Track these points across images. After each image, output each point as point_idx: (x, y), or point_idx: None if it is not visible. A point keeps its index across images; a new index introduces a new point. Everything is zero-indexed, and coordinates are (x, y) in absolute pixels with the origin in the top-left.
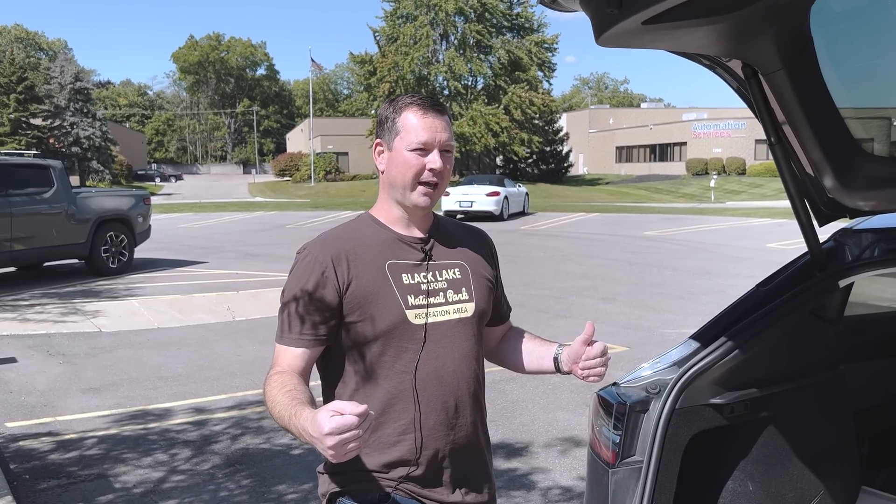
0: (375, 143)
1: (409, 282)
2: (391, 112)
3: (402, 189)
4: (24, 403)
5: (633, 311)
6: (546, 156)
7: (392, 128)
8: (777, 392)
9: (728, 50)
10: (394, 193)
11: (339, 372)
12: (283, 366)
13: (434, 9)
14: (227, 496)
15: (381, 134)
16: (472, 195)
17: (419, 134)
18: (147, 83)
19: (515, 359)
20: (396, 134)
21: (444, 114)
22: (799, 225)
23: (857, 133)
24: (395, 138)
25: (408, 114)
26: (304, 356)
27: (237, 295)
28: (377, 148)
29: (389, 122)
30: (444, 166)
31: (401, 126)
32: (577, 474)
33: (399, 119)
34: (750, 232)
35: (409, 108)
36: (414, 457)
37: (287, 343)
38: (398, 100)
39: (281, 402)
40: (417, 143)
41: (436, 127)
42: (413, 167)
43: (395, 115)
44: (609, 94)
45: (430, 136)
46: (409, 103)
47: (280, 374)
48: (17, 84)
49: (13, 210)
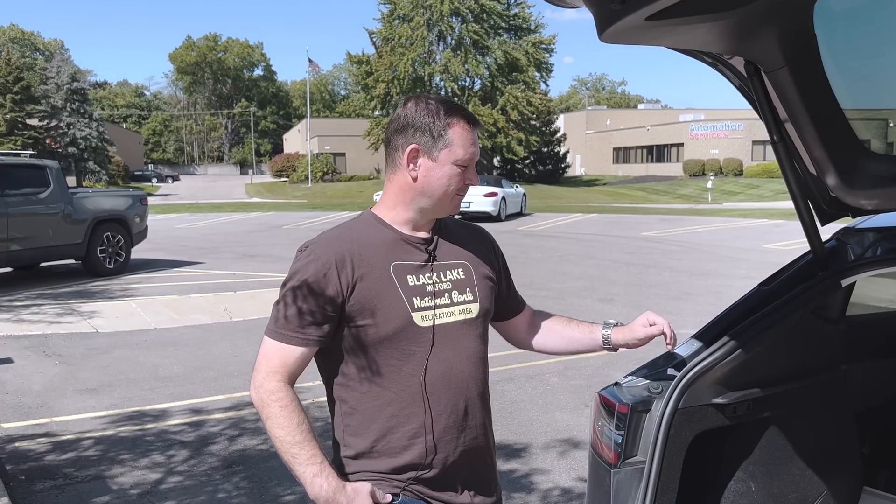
0: (411, 147)
1: (415, 283)
2: (435, 120)
3: (441, 200)
4: (20, 404)
5: (630, 312)
6: (543, 157)
7: (439, 137)
8: (779, 392)
9: (730, 47)
10: (422, 201)
11: (345, 375)
12: (277, 367)
13: (430, 9)
14: (225, 497)
15: (420, 140)
16: (469, 196)
17: (468, 149)
18: (144, 83)
19: (553, 345)
20: (445, 146)
21: (479, 126)
22: (801, 224)
23: (859, 131)
24: (442, 149)
25: (458, 128)
26: (301, 357)
27: (234, 295)
28: (411, 153)
29: (435, 130)
30: None
31: (451, 139)
32: (576, 475)
33: (449, 132)
34: (747, 233)
35: (460, 122)
36: (424, 460)
37: (283, 340)
38: (441, 107)
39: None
40: (465, 160)
41: (476, 142)
42: (456, 182)
43: (441, 126)
44: (606, 95)
45: (474, 151)
46: (458, 115)
47: (285, 393)
48: (13, 84)
49: (9, 210)
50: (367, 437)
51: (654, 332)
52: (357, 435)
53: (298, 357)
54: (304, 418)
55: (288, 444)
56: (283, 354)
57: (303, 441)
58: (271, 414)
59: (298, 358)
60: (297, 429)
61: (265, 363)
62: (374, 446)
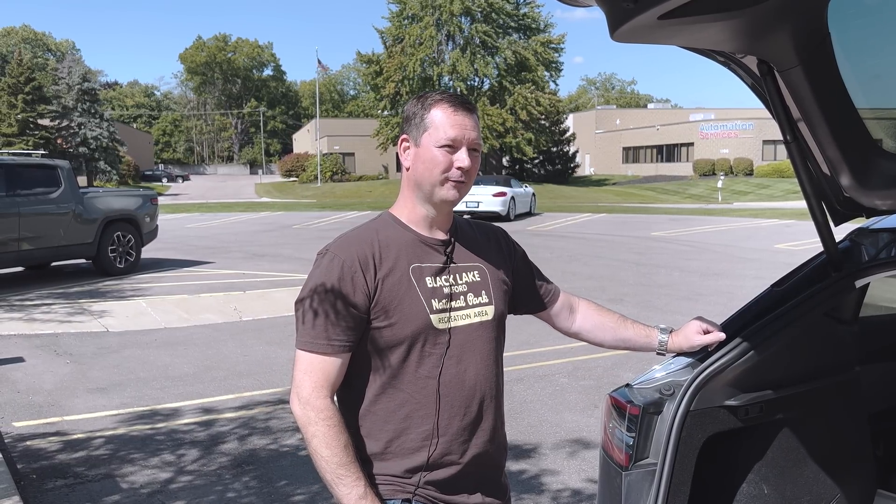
0: (401, 139)
1: (433, 285)
2: (419, 108)
3: (431, 186)
4: (31, 403)
5: (640, 313)
6: (552, 156)
7: (420, 124)
8: (792, 394)
9: (743, 46)
10: (420, 191)
11: (359, 376)
12: (322, 382)
13: (440, 9)
14: (235, 497)
15: (408, 130)
16: (478, 196)
17: (448, 130)
18: (154, 84)
19: (604, 339)
20: (425, 130)
21: (473, 112)
22: (815, 224)
23: (874, 131)
24: (423, 134)
25: (437, 110)
26: (342, 366)
27: (244, 295)
28: (403, 144)
29: (417, 118)
30: (471, 165)
31: (430, 122)
32: (586, 476)
33: (428, 115)
34: (758, 233)
35: (439, 105)
36: (437, 462)
37: (321, 350)
38: (427, 96)
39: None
40: (446, 140)
41: (465, 125)
42: (441, 164)
43: (423, 112)
44: (616, 95)
45: (460, 132)
46: (438, 100)
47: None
48: (24, 85)
49: (21, 210)
50: (380, 439)
51: (710, 340)
52: (370, 436)
53: (340, 366)
54: (349, 440)
55: (334, 465)
56: (325, 367)
57: (349, 463)
58: (318, 433)
59: (340, 367)
60: (343, 450)
61: (308, 379)
62: (387, 447)
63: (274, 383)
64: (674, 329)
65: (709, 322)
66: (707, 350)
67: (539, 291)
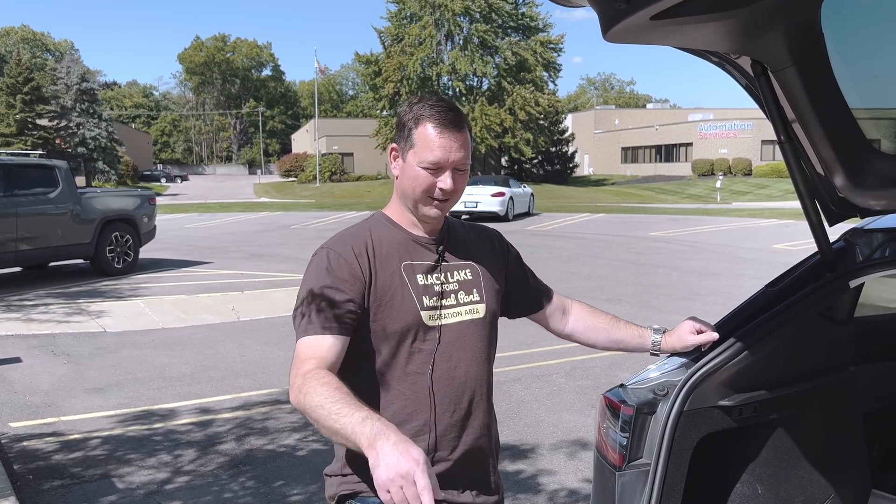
0: (391, 146)
1: (424, 283)
2: (409, 118)
3: (413, 202)
4: (28, 403)
5: (638, 312)
6: (551, 156)
7: (408, 138)
8: (786, 394)
9: (737, 46)
10: (405, 201)
11: (349, 371)
12: (310, 355)
13: (439, 9)
14: (231, 497)
15: (398, 139)
16: (476, 196)
17: (432, 153)
18: (153, 84)
19: (597, 341)
20: (411, 147)
21: (461, 130)
22: (809, 224)
23: (868, 131)
24: (408, 151)
25: (424, 128)
26: (332, 344)
27: (242, 295)
28: (392, 152)
29: (406, 129)
30: (454, 187)
31: (416, 139)
32: (583, 476)
33: (415, 132)
34: (756, 233)
35: (427, 122)
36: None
37: (312, 333)
38: (417, 106)
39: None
40: (429, 164)
41: (450, 147)
42: (422, 184)
43: (412, 125)
44: (615, 95)
45: (444, 155)
46: (427, 115)
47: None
48: (23, 85)
49: (19, 210)
50: None
51: (703, 339)
52: None
53: (332, 345)
54: (346, 388)
55: (330, 403)
56: (317, 343)
57: (347, 401)
58: (310, 390)
59: (332, 346)
60: (337, 390)
61: (297, 360)
62: None
63: (271, 384)
64: (667, 329)
65: (702, 322)
66: (701, 350)
67: (532, 293)
